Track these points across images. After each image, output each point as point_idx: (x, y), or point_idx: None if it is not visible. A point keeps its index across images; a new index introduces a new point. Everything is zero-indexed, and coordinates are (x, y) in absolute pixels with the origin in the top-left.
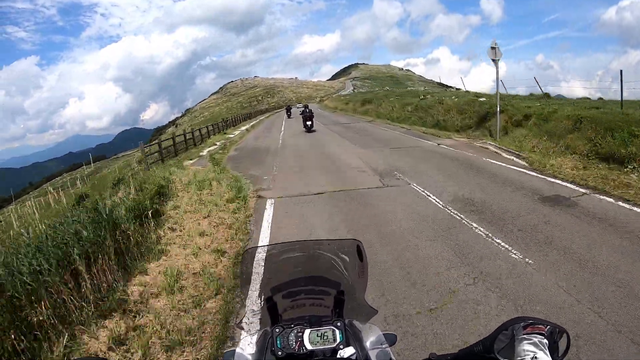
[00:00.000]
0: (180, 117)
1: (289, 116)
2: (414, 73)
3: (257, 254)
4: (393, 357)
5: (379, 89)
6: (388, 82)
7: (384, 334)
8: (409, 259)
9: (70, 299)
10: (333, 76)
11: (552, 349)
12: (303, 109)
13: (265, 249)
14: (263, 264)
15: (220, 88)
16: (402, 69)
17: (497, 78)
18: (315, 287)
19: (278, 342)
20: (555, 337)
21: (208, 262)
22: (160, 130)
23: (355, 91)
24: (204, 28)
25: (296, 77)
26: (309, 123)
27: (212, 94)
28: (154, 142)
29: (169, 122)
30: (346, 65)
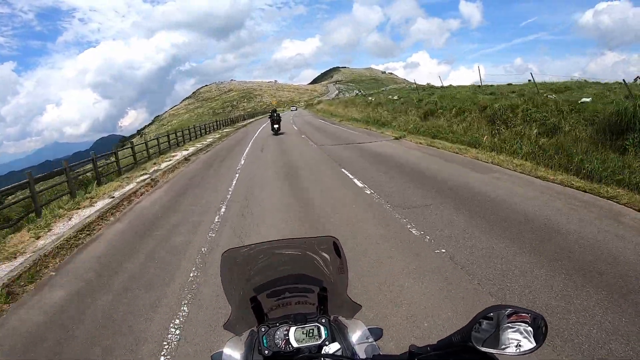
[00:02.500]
0: (149, 125)
1: (272, 125)
2: (397, 76)
3: None
4: (379, 351)
5: (408, 93)
6: (372, 85)
7: (369, 329)
8: None
9: None
10: (314, 80)
11: (537, 336)
12: (271, 113)
13: (245, 248)
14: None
15: (193, 93)
16: (385, 72)
17: None
18: (298, 285)
19: (264, 341)
20: (538, 323)
21: None
22: (124, 141)
23: (361, 92)
24: (184, 33)
25: (275, 80)
26: (276, 126)
27: (183, 100)
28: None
29: (137, 131)
30: (327, 69)
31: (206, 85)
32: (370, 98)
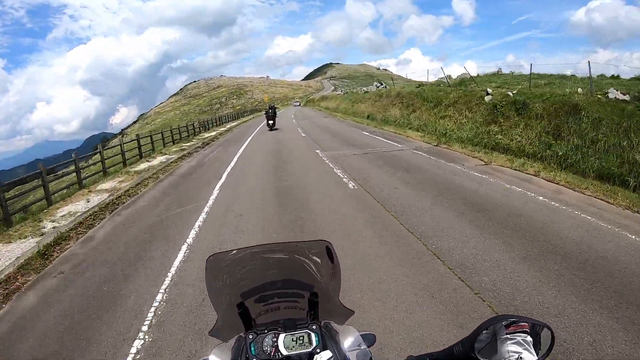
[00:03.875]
0: (132, 123)
1: (267, 121)
2: (392, 72)
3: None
4: (373, 357)
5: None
6: (368, 81)
7: (361, 335)
8: None
9: None
10: (307, 76)
11: (536, 345)
12: (266, 110)
13: (232, 252)
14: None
15: (181, 89)
16: (379, 68)
17: None
18: (288, 290)
19: (252, 348)
20: (537, 330)
21: None
22: (105, 141)
23: (383, 84)
24: (175, 29)
25: (268, 76)
26: (271, 122)
27: (170, 96)
28: None
29: (121, 130)
30: (320, 65)
31: (194, 82)
32: (461, 88)
